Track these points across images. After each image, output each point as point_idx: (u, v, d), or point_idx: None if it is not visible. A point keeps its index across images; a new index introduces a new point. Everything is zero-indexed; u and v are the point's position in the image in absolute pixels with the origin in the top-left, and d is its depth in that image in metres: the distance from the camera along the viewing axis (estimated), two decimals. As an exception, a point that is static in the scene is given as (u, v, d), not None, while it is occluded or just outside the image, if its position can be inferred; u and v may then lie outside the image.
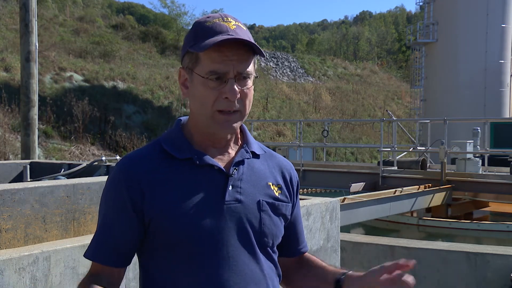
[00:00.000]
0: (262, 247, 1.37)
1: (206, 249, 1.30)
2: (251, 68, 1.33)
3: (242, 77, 1.32)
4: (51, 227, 3.06)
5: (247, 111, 1.35)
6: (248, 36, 1.32)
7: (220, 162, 1.37)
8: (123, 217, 1.32)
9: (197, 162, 1.34)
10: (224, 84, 1.30)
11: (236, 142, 1.43)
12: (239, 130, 1.43)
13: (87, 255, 1.36)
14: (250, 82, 1.34)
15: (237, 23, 1.34)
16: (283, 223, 1.43)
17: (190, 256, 1.30)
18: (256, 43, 1.32)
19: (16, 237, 2.89)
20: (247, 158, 1.40)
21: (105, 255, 1.33)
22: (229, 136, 1.40)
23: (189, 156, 1.35)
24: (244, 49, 1.31)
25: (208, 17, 1.35)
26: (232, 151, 1.40)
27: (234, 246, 1.32)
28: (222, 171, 1.35)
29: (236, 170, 1.37)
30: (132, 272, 2.55)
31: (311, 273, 1.51)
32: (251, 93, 1.35)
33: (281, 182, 1.45)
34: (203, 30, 1.32)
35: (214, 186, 1.33)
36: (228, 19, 1.34)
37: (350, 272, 1.43)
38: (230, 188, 1.34)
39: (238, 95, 1.31)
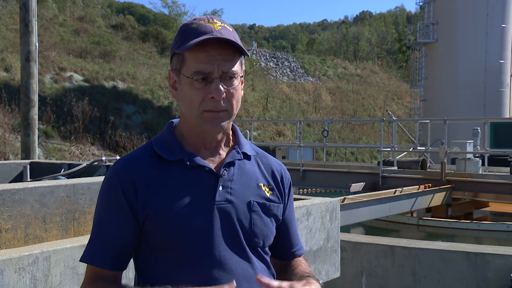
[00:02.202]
0: (253, 248, 1.37)
1: (197, 248, 1.31)
2: (237, 68, 1.33)
3: (227, 77, 1.32)
4: (51, 227, 3.05)
5: (235, 110, 1.35)
6: (234, 37, 1.32)
7: (211, 163, 1.38)
8: (120, 218, 1.32)
9: (188, 163, 1.35)
10: (209, 84, 1.31)
11: (227, 144, 1.43)
12: (231, 132, 1.44)
13: (84, 259, 1.35)
14: (236, 82, 1.34)
15: (222, 24, 1.34)
16: (275, 224, 1.43)
17: (181, 256, 1.31)
18: (240, 43, 1.32)
19: (16, 237, 2.89)
20: (238, 159, 1.41)
21: (103, 258, 1.33)
22: (220, 137, 1.40)
23: (180, 157, 1.36)
24: (229, 49, 1.31)
25: (194, 19, 1.36)
26: (223, 152, 1.41)
27: (224, 245, 1.32)
28: (212, 172, 1.36)
29: (227, 171, 1.37)
30: (132, 272, 2.55)
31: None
32: (238, 93, 1.35)
33: (272, 183, 1.45)
34: (188, 31, 1.33)
35: (204, 187, 1.34)
36: (213, 20, 1.34)
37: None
38: (221, 188, 1.35)
39: (224, 95, 1.31)
